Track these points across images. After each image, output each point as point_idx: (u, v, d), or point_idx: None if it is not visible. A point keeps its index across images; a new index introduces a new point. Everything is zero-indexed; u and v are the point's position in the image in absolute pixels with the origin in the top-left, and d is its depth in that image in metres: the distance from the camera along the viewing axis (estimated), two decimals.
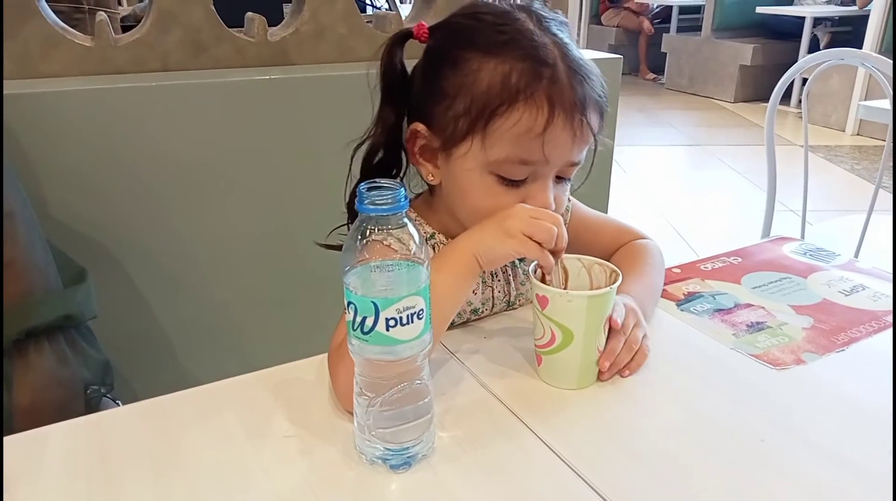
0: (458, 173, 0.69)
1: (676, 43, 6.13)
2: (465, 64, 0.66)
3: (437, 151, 0.70)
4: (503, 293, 0.80)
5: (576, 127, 0.65)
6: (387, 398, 0.54)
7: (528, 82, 0.63)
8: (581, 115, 0.65)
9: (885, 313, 0.79)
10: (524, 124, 0.63)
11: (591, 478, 0.54)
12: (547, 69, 0.64)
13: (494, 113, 0.64)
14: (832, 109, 4.63)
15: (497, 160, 0.66)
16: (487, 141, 0.65)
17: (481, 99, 0.64)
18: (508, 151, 0.65)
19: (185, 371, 1.30)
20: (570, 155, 0.67)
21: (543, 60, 0.64)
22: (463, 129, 0.66)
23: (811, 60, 1.64)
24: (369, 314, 0.51)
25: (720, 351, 0.72)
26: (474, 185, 0.68)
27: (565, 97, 0.64)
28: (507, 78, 0.63)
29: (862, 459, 0.56)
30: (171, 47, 1.23)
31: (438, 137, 0.69)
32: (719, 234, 2.99)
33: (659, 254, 0.84)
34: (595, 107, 0.67)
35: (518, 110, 0.63)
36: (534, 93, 0.63)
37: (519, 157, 0.65)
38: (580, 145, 0.67)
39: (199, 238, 1.25)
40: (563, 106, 0.64)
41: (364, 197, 0.51)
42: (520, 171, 0.67)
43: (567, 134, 0.65)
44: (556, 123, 0.63)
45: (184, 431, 0.60)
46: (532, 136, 0.64)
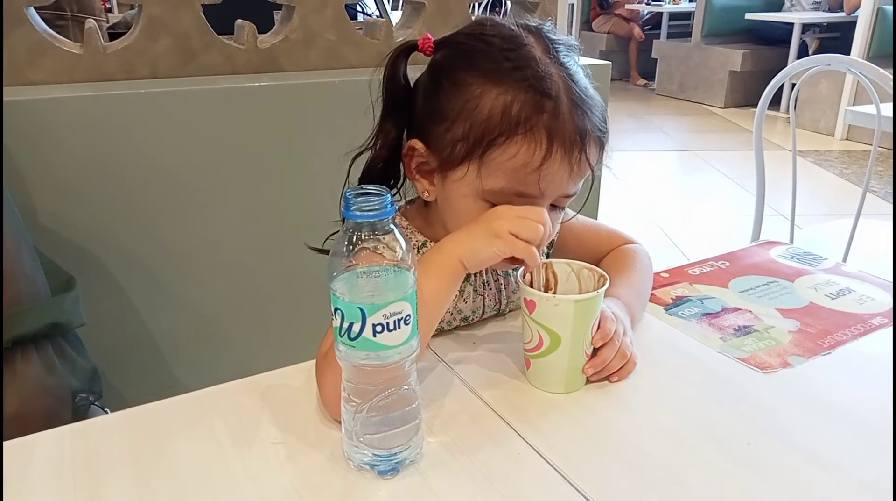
0: (452, 196, 0.69)
1: (667, 49, 6.16)
2: (468, 88, 0.65)
3: (434, 171, 0.70)
4: (494, 302, 0.80)
5: (573, 163, 0.64)
6: (374, 404, 0.54)
7: (528, 115, 0.62)
8: (580, 151, 0.64)
9: (870, 316, 0.79)
10: (521, 158, 0.63)
11: (580, 483, 0.54)
12: (549, 102, 0.62)
13: (493, 143, 0.63)
14: (821, 114, 4.67)
15: (492, 190, 0.65)
16: (484, 170, 0.64)
17: (480, 127, 0.63)
18: (504, 183, 0.64)
19: (173, 379, 1.29)
20: (565, 188, 0.67)
21: (546, 93, 0.63)
22: (460, 154, 0.65)
23: (799, 66, 1.66)
24: (356, 320, 0.51)
25: (707, 355, 0.72)
26: (469, 210, 0.67)
27: (565, 133, 0.63)
28: (507, 108, 0.63)
29: (848, 463, 0.56)
30: (161, 54, 1.23)
31: (436, 158, 0.68)
32: (709, 238, 3.01)
33: (647, 258, 0.84)
34: (595, 141, 0.66)
35: (517, 143, 0.62)
36: (534, 127, 0.62)
37: (515, 190, 0.65)
38: (577, 179, 0.67)
39: (187, 246, 1.24)
40: (562, 142, 0.63)
41: (351, 203, 0.51)
42: (514, 202, 0.66)
43: (564, 169, 0.64)
44: (553, 158, 0.63)
45: (171, 438, 0.60)
46: (529, 170, 0.63)
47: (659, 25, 6.36)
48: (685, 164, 4.27)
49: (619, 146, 3.14)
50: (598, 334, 0.65)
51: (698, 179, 3.97)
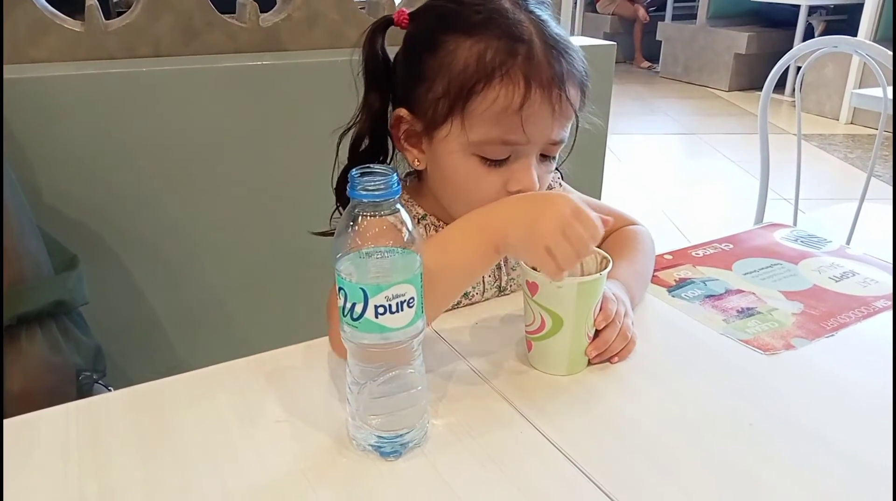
0: (441, 157, 0.70)
1: (671, 31, 6.11)
2: (443, 46, 0.66)
3: (421, 136, 0.71)
4: (493, 278, 0.80)
5: (554, 102, 0.64)
6: (378, 385, 0.54)
7: (503, 60, 0.63)
8: (559, 89, 0.64)
9: (874, 298, 0.79)
10: (501, 102, 0.63)
11: (584, 464, 0.54)
12: (522, 45, 0.64)
13: (472, 92, 0.64)
14: (826, 98, 4.63)
15: (478, 141, 0.66)
16: (467, 122, 0.65)
17: (458, 79, 0.65)
18: (489, 131, 0.65)
19: (177, 357, 1.30)
20: (551, 132, 0.67)
21: (518, 37, 0.64)
22: (443, 111, 0.66)
23: (805, 48, 1.64)
24: (358, 301, 0.51)
25: (710, 337, 0.72)
26: (458, 167, 0.68)
27: (542, 73, 0.64)
28: (482, 56, 0.64)
29: (849, 444, 0.57)
30: (163, 33, 1.22)
31: (421, 121, 0.69)
32: (713, 222, 3.00)
33: (649, 240, 0.84)
34: (575, 82, 0.67)
35: (495, 88, 0.63)
36: (509, 70, 0.63)
37: (500, 137, 0.65)
38: (561, 121, 0.67)
39: (190, 224, 1.24)
40: (539, 82, 0.63)
41: (356, 183, 0.51)
42: (502, 151, 0.66)
43: (546, 110, 0.64)
44: (533, 98, 0.63)
45: (175, 416, 0.60)
46: (510, 114, 0.64)
47: (664, 7, 6.30)
48: (689, 147, 4.25)
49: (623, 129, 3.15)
50: (601, 315, 0.66)
51: (702, 163, 3.95)
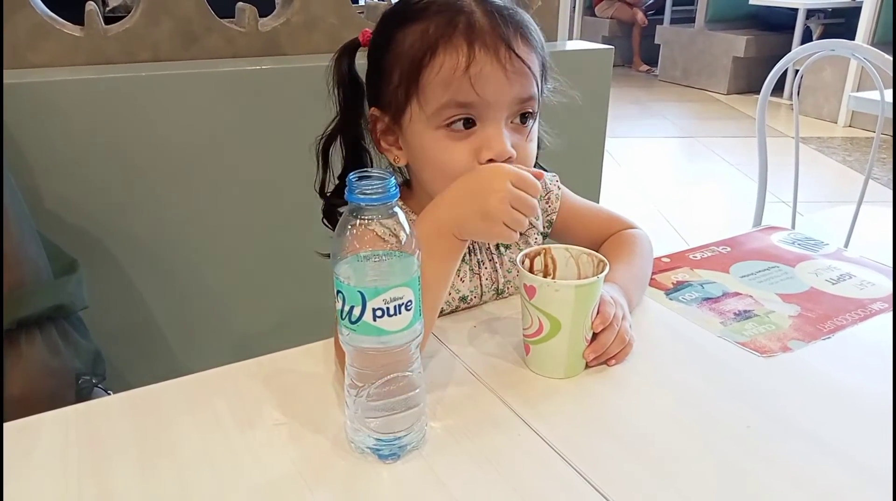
0: (412, 141, 0.71)
1: (670, 35, 6.12)
2: (394, 39, 0.69)
3: (394, 129, 0.73)
4: (491, 281, 0.81)
5: (503, 60, 0.65)
6: (376, 388, 0.54)
7: (443, 31, 0.66)
8: (507, 49, 0.65)
9: (871, 301, 0.79)
10: (448, 66, 0.65)
11: (581, 466, 0.54)
12: (462, 16, 0.66)
13: (420, 66, 0.66)
14: (824, 101, 4.64)
15: (436, 111, 0.67)
16: (422, 97, 0.67)
17: (407, 60, 0.67)
18: (442, 97, 0.66)
19: (177, 361, 1.30)
20: (509, 91, 0.67)
21: (458, 10, 0.67)
22: (402, 95, 0.69)
23: (802, 52, 1.65)
24: (356, 304, 0.51)
25: (707, 339, 0.72)
26: (427, 145, 0.69)
27: (485, 35, 0.65)
28: (424, 32, 0.67)
29: (846, 446, 0.57)
30: (162, 38, 1.22)
31: (389, 115, 0.72)
32: (711, 225, 3.01)
33: (648, 243, 0.84)
34: (527, 44, 0.68)
35: (439, 56, 0.66)
36: (451, 37, 0.65)
37: (453, 100, 0.66)
38: (517, 80, 0.67)
39: (190, 228, 1.24)
40: (483, 42, 0.65)
41: (354, 187, 0.51)
42: (461, 114, 0.67)
43: (496, 68, 0.65)
44: (478, 59, 0.65)
45: (174, 419, 0.60)
46: (458, 76, 0.65)
47: (662, 10, 6.31)
48: (687, 150, 4.26)
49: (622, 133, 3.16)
50: (598, 318, 0.66)
51: (700, 166, 3.96)
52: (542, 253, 0.69)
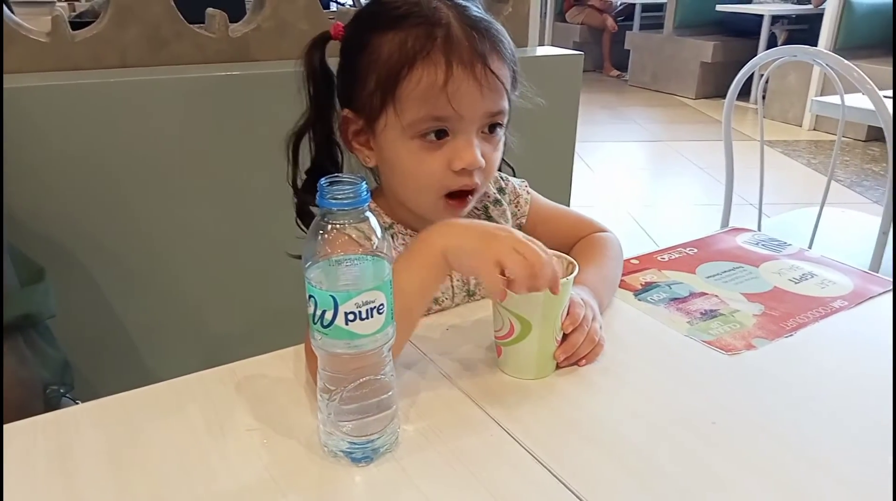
0: (385, 148, 0.73)
1: (639, 40, 6.21)
2: (370, 44, 0.70)
3: (366, 132, 0.74)
4: (462, 282, 0.82)
5: (479, 77, 0.67)
6: (349, 392, 0.54)
7: (422, 44, 0.67)
8: (483, 65, 0.68)
9: (831, 299, 0.82)
10: (426, 81, 0.67)
11: (553, 466, 0.55)
12: (440, 29, 0.67)
13: (398, 77, 0.68)
14: (790, 105, 4.75)
15: (412, 122, 0.69)
16: (399, 107, 0.69)
17: (385, 69, 0.69)
18: (418, 110, 0.68)
19: (146, 370, 1.28)
20: (482, 105, 0.69)
21: (436, 22, 0.68)
22: (377, 103, 0.70)
23: (766, 57, 1.69)
24: (328, 308, 0.52)
25: (675, 339, 0.74)
26: (401, 153, 0.71)
27: (462, 51, 0.67)
28: (403, 44, 0.68)
29: (808, 441, 0.59)
30: (130, 43, 1.21)
31: (362, 118, 0.73)
32: (681, 227, 3.06)
33: (617, 246, 0.86)
34: (501, 58, 0.70)
35: (418, 70, 0.67)
36: (430, 52, 0.67)
37: (430, 114, 0.68)
38: (490, 95, 0.69)
39: (159, 235, 1.23)
40: (460, 58, 0.67)
41: (325, 192, 0.51)
42: (436, 127, 0.69)
43: (472, 85, 0.67)
44: (455, 75, 0.67)
45: (145, 427, 0.60)
46: (436, 91, 0.67)
47: (632, 17, 6.41)
48: (657, 154, 4.32)
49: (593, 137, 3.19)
50: (568, 319, 0.67)
51: (670, 170, 4.02)
52: None
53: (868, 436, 0.59)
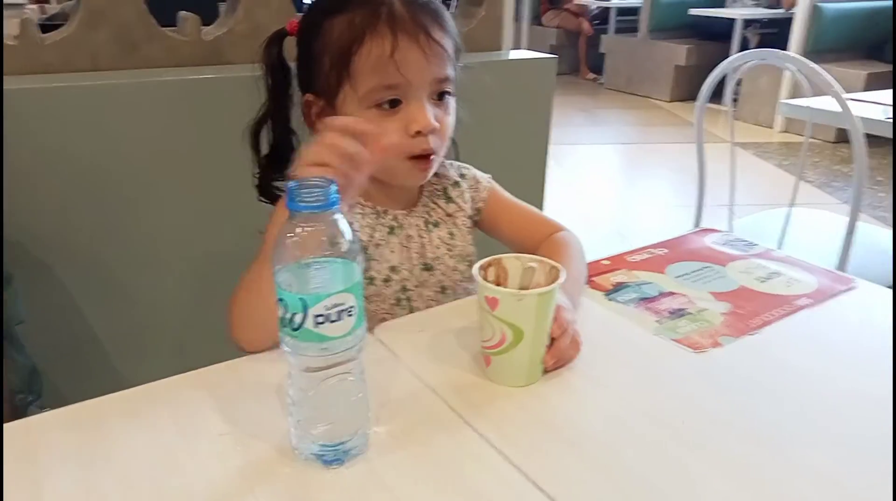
0: None
1: (614, 44, 6.27)
2: (322, 28, 0.77)
3: (328, 111, 0.79)
4: (419, 255, 0.86)
5: (423, 45, 0.75)
6: (319, 395, 0.55)
7: (369, 21, 0.74)
8: (426, 35, 0.75)
9: (796, 297, 0.84)
10: (375, 52, 0.74)
11: (523, 465, 0.56)
12: (383, 7, 0.75)
13: (350, 52, 0.75)
14: (760, 108, 4.83)
15: (367, 93, 0.75)
16: (353, 80, 0.75)
17: (337, 47, 0.75)
18: (371, 80, 0.75)
19: (117, 377, 1.27)
20: (429, 72, 0.76)
21: (380, 2, 0.75)
22: (335, 80, 0.76)
23: (736, 60, 1.72)
24: (298, 311, 0.52)
25: (644, 338, 0.75)
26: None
27: (405, 23, 0.74)
28: (351, 22, 0.75)
29: (772, 435, 0.60)
30: (101, 46, 1.20)
31: (323, 98, 0.79)
32: (655, 228, 3.09)
33: (578, 244, 0.88)
34: (442, 29, 0.77)
35: (367, 44, 0.74)
36: (376, 26, 0.74)
37: (382, 83, 0.75)
38: (436, 61, 0.76)
39: (130, 239, 1.22)
40: (404, 30, 0.74)
41: (295, 195, 0.51)
42: (390, 95, 0.75)
43: (417, 53, 0.75)
44: (401, 45, 0.74)
45: (115, 433, 0.60)
46: (385, 60, 0.74)
47: (607, 20, 6.46)
48: (632, 156, 4.37)
49: (569, 139, 3.21)
50: (555, 325, 0.67)
51: (645, 171, 4.07)
52: (493, 264, 0.69)
53: (833, 430, 0.61)
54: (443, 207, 0.90)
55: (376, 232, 0.84)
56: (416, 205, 0.88)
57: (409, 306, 0.86)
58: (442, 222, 0.89)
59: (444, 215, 0.89)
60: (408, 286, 0.86)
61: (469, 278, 0.88)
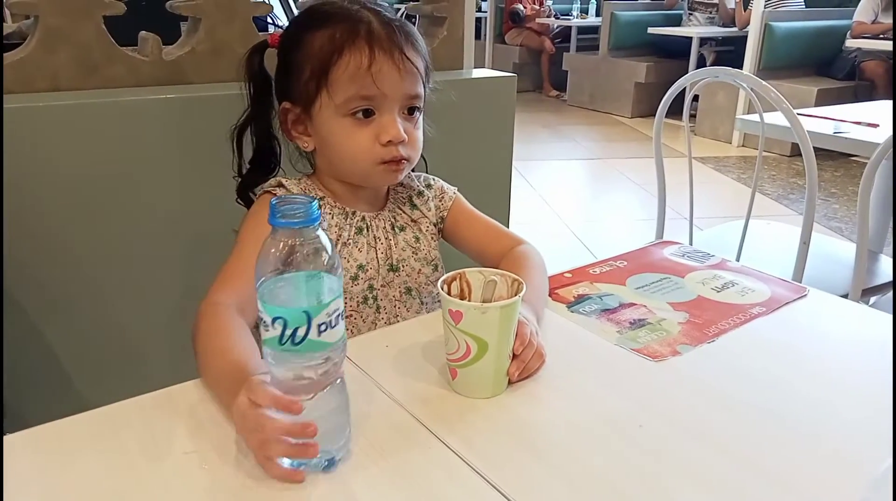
0: (321, 128, 0.84)
1: (576, 62, 6.39)
2: (303, 41, 0.82)
3: (304, 119, 0.85)
4: (386, 256, 0.89)
5: (398, 62, 0.80)
6: (316, 402, 0.56)
7: (349, 36, 0.79)
8: (400, 53, 0.80)
9: (750, 306, 0.86)
10: (353, 65, 0.79)
11: (490, 475, 0.57)
12: (363, 24, 0.80)
13: (329, 64, 0.79)
14: (719, 123, 4.96)
15: (343, 102, 0.80)
16: (331, 89, 0.80)
17: (318, 59, 0.80)
18: (348, 90, 0.80)
19: (81, 400, 1.25)
20: (403, 86, 0.81)
21: (359, 19, 0.81)
22: (313, 88, 0.81)
23: (690, 78, 1.77)
24: (301, 324, 0.53)
25: (605, 348, 0.77)
26: (335, 131, 0.82)
27: (382, 40, 0.79)
28: (332, 36, 0.80)
29: (729, 440, 0.62)
30: (61, 66, 1.19)
31: (300, 106, 0.84)
32: (619, 240, 3.14)
33: (539, 257, 0.90)
34: (415, 51, 0.82)
35: (346, 57, 0.79)
36: (355, 40, 0.79)
37: (358, 94, 0.80)
38: (409, 78, 0.81)
39: (92, 260, 1.21)
40: (381, 46, 0.79)
41: (277, 211, 0.53)
42: (364, 105, 0.80)
43: (392, 68, 0.79)
44: (378, 59, 0.79)
45: (79, 455, 0.59)
46: (362, 73, 0.79)
47: (569, 38, 6.59)
48: (596, 171, 4.44)
49: (534, 156, 3.26)
50: (517, 340, 0.68)
51: (608, 186, 4.14)
52: (457, 278, 0.71)
53: (785, 433, 0.63)
54: (408, 212, 0.93)
55: (344, 231, 0.87)
56: (383, 208, 0.92)
57: (375, 306, 0.88)
58: (408, 226, 0.92)
59: (410, 219, 0.93)
60: (374, 285, 0.88)
61: (434, 281, 0.90)
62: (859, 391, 0.70)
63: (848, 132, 1.82)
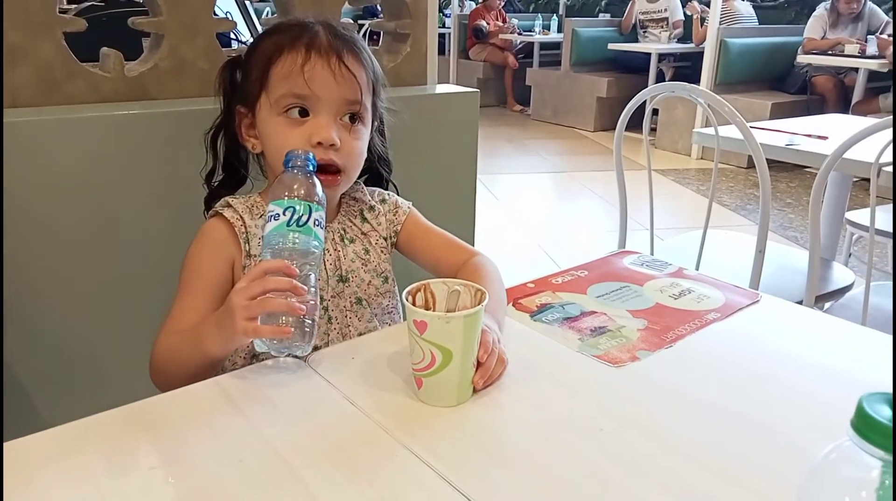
0: (261, 127, 0.87)
1: (539, 77, 6.49)
2: (257, 46, 0.88)
3: (253, 121, 0.88)
4: (335, 267, 0.90)
5: (333, 66, 0.83)
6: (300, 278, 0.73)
7: (292, 40, 0.83)
8: (338, 59, 0.83)
9: (706, 312, 0.90)
10: (288, 65, 0.83)
11: (459, 483, 0.57)
12: (308, 32, 0.84)
13: (269, 63, 0.84)
14: (679, 136, 5.08)
15: (277, 99, 0.83)
16: (269, 88, 0.84)
17: (262, 60, 0.85)
18: (281, 87, 0.83)
19: (40, 420, 1.22)
20: (336, 91, 0.83)
21: (306, 27, 0.85)
22: (257, 88, 0.85)
23: (648, 93, 1.82)
24: (305, 213, 0.73)
25: (567, 355, 0.79)
26: (270, 130, 0.85)
27: (321, 45, 0.83)
28: (278, 41, 0.84)
29: (686, 442, 0.64)
30: (21, 83, 1.18)
31: (248, 107, 0.88)
32: (582, 251, 3.17)
33: (494, 267, 0.92)
34: (356, 60, 0.85)
35: (284, 56, 0.83)
36: (295, 43, 0.83)
37: (290, 91, 0.83)
38: (344, 83, 0.83)
39: (54, 278, 1.19)
40: (318, 50, 0.83)
41: (294, 158, 0.78)
42: (297, 103, 0.83)
43: (326, 72, 0.82)
44: (312, 61, 0.82)
45: (41, 473, 0.58)
46: (295, 73, 0.82)
47: (531, 54, 6.69)
48: (560, 184, 4.50)
49: (499, 169, 3.31)
50: (481, 348, 0.70)
51: (572, 198, 4.20)
52: (421, 289, 0.72)
53: (741, 434, 0.66)
54: (358, 225, 0.94)
55: None
56: (332, 220, 0.92)
57: (326, 316, 0.89)
58: (357, 239, 0.93)
59: (360, 232, 0.94)
60: (324, 296, 0.88)
61: (384, 293, 0.91)
62: (807, 388, 0.74)
63: (799, 145, 1.89)
